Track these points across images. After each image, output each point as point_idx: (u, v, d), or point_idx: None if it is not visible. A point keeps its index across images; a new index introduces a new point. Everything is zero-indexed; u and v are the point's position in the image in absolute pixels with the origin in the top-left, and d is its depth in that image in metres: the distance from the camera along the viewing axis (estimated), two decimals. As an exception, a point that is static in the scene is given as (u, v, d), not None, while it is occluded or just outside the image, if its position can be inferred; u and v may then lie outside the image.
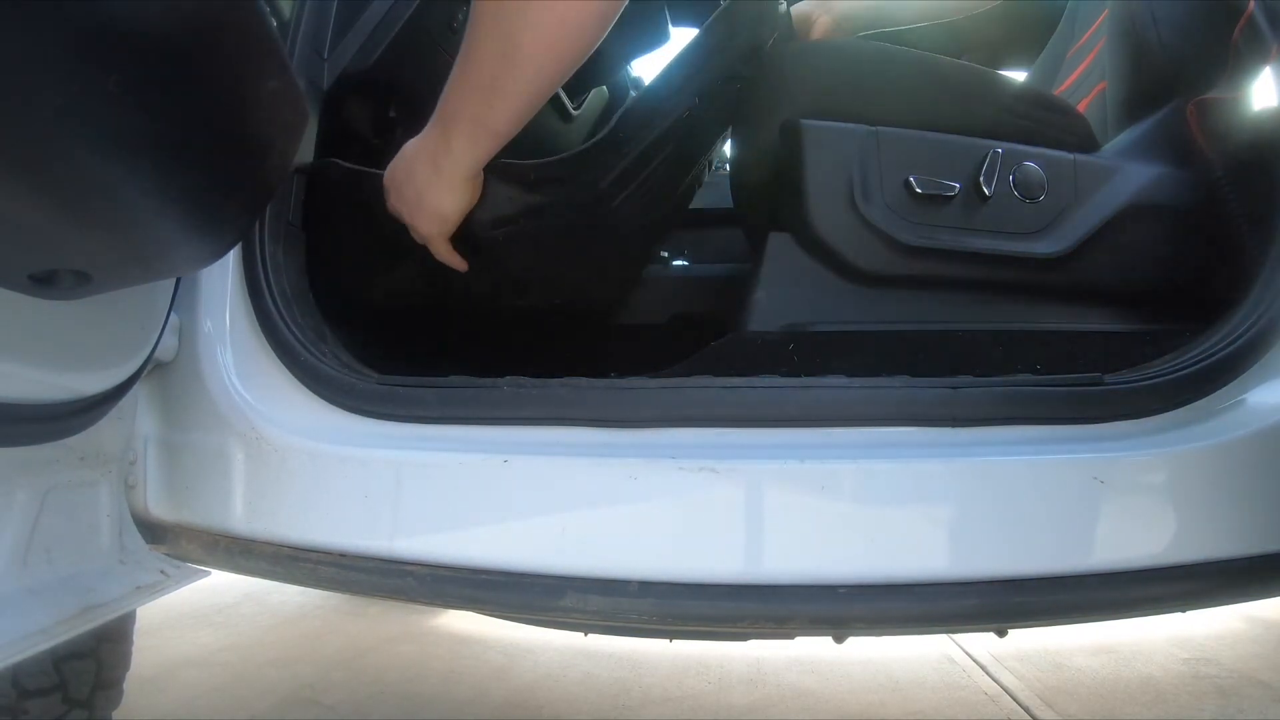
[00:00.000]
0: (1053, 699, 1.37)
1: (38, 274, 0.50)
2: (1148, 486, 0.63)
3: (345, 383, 0.74)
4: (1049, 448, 0.64)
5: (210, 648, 1.63)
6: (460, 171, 0.77)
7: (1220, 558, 0.63)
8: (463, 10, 1.03)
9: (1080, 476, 0.62)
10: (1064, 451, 0.64)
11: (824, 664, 1.55)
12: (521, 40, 0.66)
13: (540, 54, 0.67)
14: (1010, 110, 0.87)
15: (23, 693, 0.83)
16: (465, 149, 0.75)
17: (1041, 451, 0.64)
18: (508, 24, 0.65)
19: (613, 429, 0.68)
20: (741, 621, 0.64)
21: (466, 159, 0.76)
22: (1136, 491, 0.63)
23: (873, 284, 0.83)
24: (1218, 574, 0.63)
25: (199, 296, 0.79)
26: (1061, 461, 0.63)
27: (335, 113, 0.97)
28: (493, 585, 0.66)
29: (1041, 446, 0.64)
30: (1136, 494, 0.63)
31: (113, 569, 0.75)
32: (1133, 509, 0.62)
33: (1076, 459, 0.63)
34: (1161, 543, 0.62)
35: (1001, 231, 0.82)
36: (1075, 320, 0.85)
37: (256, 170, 0.54)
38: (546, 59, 0.67)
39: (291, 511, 0.72)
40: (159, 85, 0.41)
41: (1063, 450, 0.64)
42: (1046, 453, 0.64)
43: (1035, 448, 0.64)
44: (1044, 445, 0.65)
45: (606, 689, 1.44)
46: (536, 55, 0.67)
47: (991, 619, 0.65)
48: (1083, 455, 0.63)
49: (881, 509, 0.63)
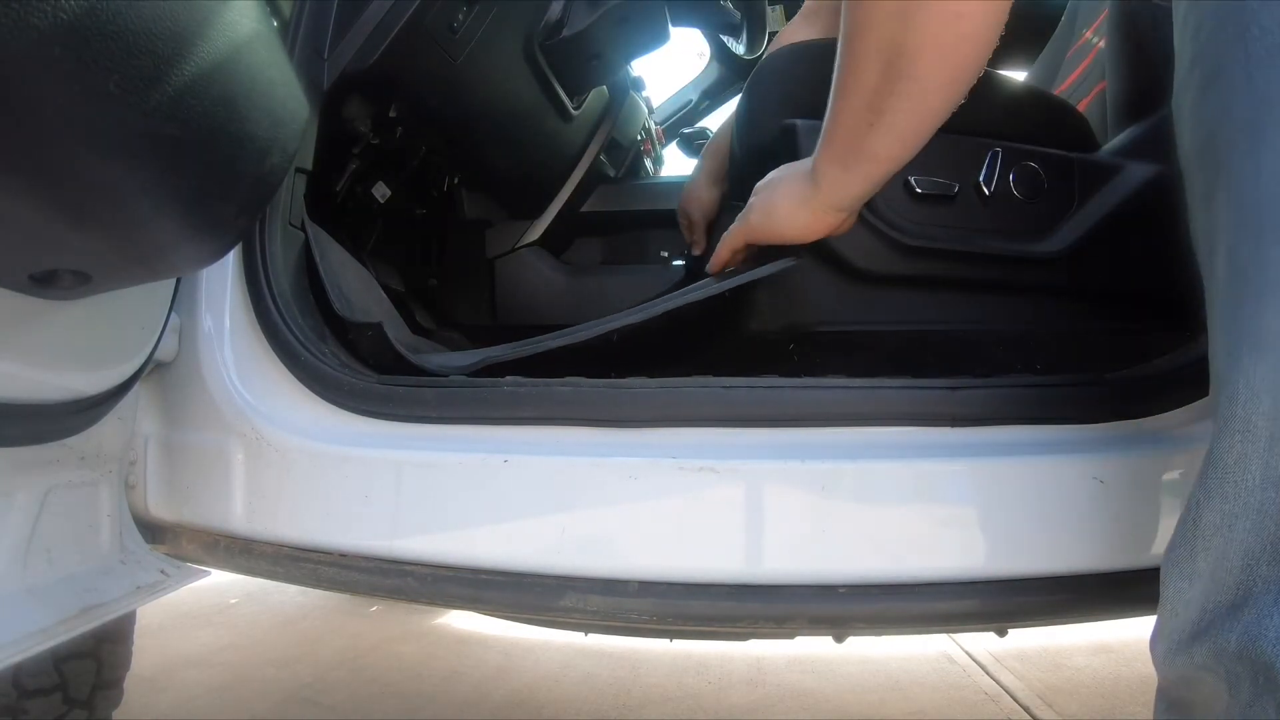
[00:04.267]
0: (1053, 699, 1.37)
1: (38, 274, 0.50)
2: (1148, 487, 0.63)
3: (345, 383, 0.74)
4: (1049, 448, 0.64)
5: (210, 648, 1.64)
6: (827, 202, 0.66)
7: (1220, 557, 0.63)
8: (463, 10, 1.03)
9: (1080, 476, 0.62)
10: (1064, 451, 0.64)
11: (824, 664, 1.55)
12: (906, 45, 0.53)
13: (931, 64, 0.54)
14: (1010, 110, 0.87)
15: (23, 693, 0.84)
16: (837, 178, 0.64)
17: (1041, 451, 0.64)
18: (889, 27, 0.53)
19: (613, 429, 0.68)
20: (742, 621, 0.64)
21: (838, 190, 0.65)
22: (1137, 492, 0.63)
23: (873, 284, 0.83)
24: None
25: (199, 296, 0.79)
26: (1061, 461, 0.63)
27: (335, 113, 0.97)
28: (493, 585, 0.66)
29: (1041, 446, 0.64)
30: (1137, 494, 0.63)
31: (113, 569, 0.75)
32: (1133, 509, 0.62)
33: (1076, 459, 0.63)
34: (1162, 543, 0.62)
35: (1001, 231, 0.82)
36: (1075, 320, 0.85)
37: (256, 170, 0.54)
38: (938, 69, 0.54)
39: (292, 511, 0.72)
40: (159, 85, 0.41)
41: (1063, 450, 0.64)
42: (1046, 453, 0.64)
43: (1035, 448, 0.64)
44: (1044, 445, 0.64)
45: (606, 689, 1.44)
46: (926, 66, 0.54)
47: (991, 619, 0.65)
48: (1083, 455, 0.63)
49: (881, 509, 0.63)
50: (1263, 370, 0.40)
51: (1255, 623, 0.39)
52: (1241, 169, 0.42)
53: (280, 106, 0.54)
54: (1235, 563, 0.41)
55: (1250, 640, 0.39)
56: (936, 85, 0.55)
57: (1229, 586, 0.41)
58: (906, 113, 0.57)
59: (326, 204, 1.04)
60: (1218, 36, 0.44)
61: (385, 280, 1.17)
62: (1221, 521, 0.42)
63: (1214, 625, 0.42)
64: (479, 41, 1.06)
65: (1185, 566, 0.45)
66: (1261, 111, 0.41)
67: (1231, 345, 0.42)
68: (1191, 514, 0.45)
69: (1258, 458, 0.40)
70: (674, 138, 2.08)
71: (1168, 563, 0.46)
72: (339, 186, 1.07)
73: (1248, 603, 0.40)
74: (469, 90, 1.12)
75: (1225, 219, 0.43)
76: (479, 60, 1.07)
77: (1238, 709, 0.40)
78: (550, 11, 1.19)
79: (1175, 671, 0.46)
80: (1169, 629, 0.46)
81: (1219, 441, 0.43)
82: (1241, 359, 0.41)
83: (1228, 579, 0.42)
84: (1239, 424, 0.41)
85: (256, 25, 0.49)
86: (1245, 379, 0.41)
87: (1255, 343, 0.41)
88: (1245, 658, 0.40)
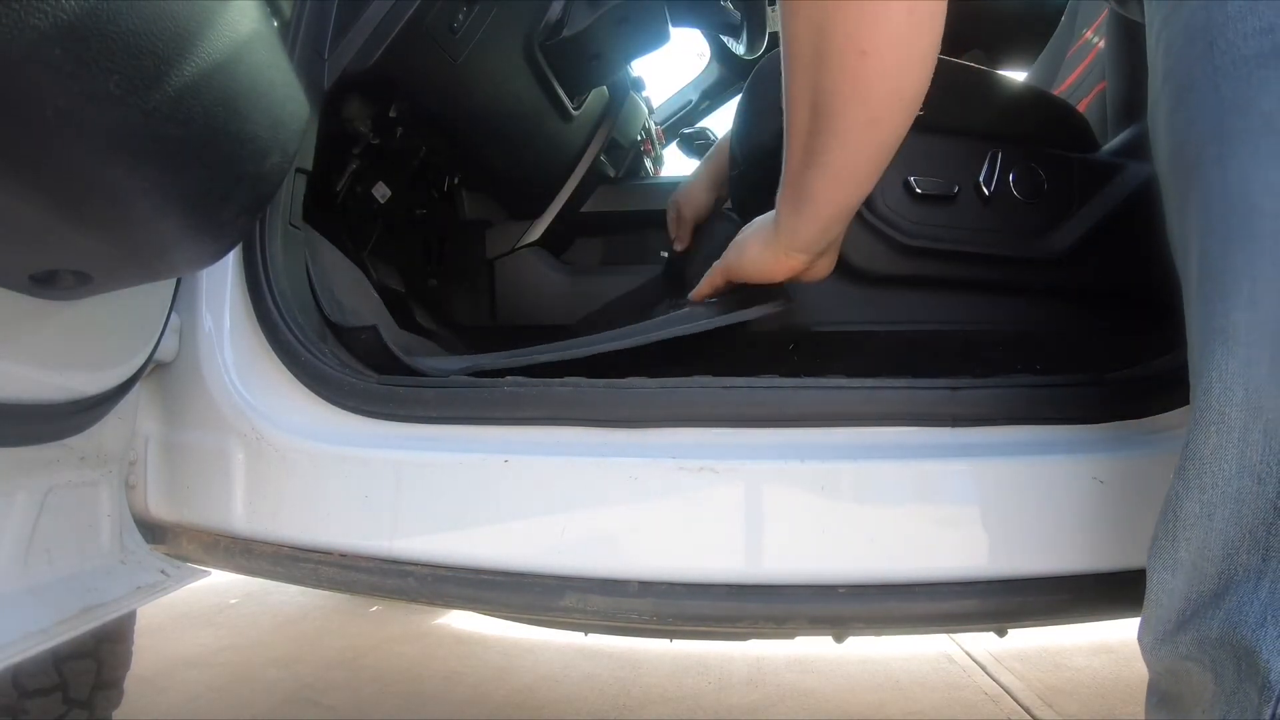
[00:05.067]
0: (1053, 699, 1.37)
1: (38, 274, 0.51)
2: (1147, 487, 0.63)
3: (345, 383, 0.74)
4: (1049, 448, 0.64)
5: (210, 648, 1.64)
6: (785, 244, 0.65)
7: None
8: (463, 10, 1.03)
9: (1080, 477, 0.62)
10: (1064, 451, 0.64)
11: (824, 664, 1.55)
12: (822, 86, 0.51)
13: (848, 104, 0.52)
14: (1010, 110, 0.87)
15: (23, 693, 0.84)
16: (788, 220, 0.63)
17: (1041, 451, 0.64)
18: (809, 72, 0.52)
19: (613, 429, 0.68)
20: (742, 621, 0.64)
21: (791, 233, 0.64)
22: (1136, 492, 0.63)
23: (873, 284, 0.83)
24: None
25: (199, 296, 0.79)
26: (1061, 462, 0.63)
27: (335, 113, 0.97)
28: (493, 585, 0.66)
29: (1041, 446, 0.64)
30: (1136, 494, 0.63)
31: (113, 569, 0.75)
32: (1132, 509, 0.62)
33: (1076, 459, 0.63)
34: (1161, 543, 0.62)
35: (1001, 232, 0.82)
36: (1075, 320, 0.85)
37: (257, 170, 0.54)
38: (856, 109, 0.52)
39: (292, 511, 0.72)
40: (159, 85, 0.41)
41: (1063, 450, 0.64)
42: (1046, 453, 0.64)
43: (1035, 448, 0.64)
44: (1044, 445, 0.64)
45: (606, 689, 1.44)
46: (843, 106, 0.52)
47: (991, 619, 0.65)
48: (1083, 455, 0.63)
49: (881, 509, 0.63)
50: (1234, 364, 0.42)
51: (1236, 609, 0.40)
52: (1210, 176, 0.44)
53: (280, 107, 0.54)
54: (1216, 552, 0.42)
55: (1231, 627, 0.40)
56: (858, 125, 0.54)
57: (1211, 576, 0.42)
58: (835, 152, 0.56)
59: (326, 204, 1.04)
60: (1187, 53, 0.46)
61: (385, 280, 1.17)
62: (1201, 511, 0.43)
63: (1197, 614, 0.43)
64: (479, 42, 1.06)
65: (1167, 557, 0.46)
66: (1228, 121, 0.43)
67: (1204, 341, 0.44)
68: (1171, 505, 0.46)
69: (1233, 448, 0.42)
70: (674, 138, 2.08)
71: (1151, 555, 0.47)
72: (339, 186, 1.08)
73: (1229, 590, 0.41)
74: (469, 90, 1.12)
75: (1196, 223, 0.45)
76: (479, 60, 1.08)
77: (1223, 697, 0.41)
78: (550, 11, 1.19)
79: (1162, 663, 0.46)
80: (1154, 620, 0.47)
81: (1195, 434, 0.44)
82: (1214, 353, 0.43)
83: (1209, 568, 0.43)
84: (1214, 416, 0.43)
85: (256, 25, 0.49)
86: (1218, 372, 0.43)
87: (1226, 338, 0.42)
88: (1227, 644, 0.41)
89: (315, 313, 0.81)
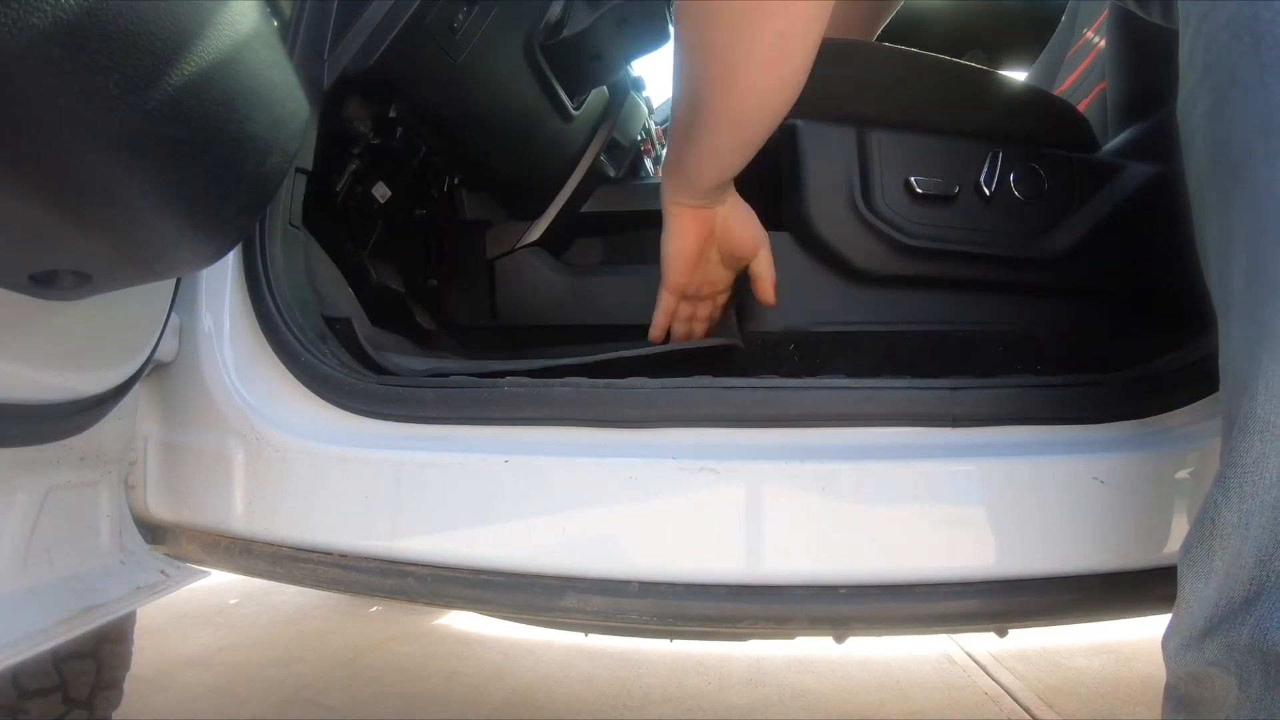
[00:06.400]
0: (1053, 699, 1.37)
1: (38, 274, 0.50)
2: (1149, 487, 0.63)
3: (345, 383, 0.74)
4: (1049, 448, 0.64)
5: (210, 648, 1.64)
6: (666, 198, 0.77)
7: (1221, 558, 0.62)
8: (463, 10, 1.03)
9: (1080, 477, 0.62)
10: (1064, 452, 0.64)
11: (824, 664, 1.55)
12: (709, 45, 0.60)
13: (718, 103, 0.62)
14: (1010, 110, 0.87)
15: (23, 693, 0.84)
16: (668, 180, 0.76)
17: (1041, 452, 0.64)
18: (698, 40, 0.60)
19: (613, 429, 0.68)
20: (742, 622, 0.64)
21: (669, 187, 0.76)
22: (1137, 492, 0.63)
23: (873, 284, 0.83)
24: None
25: (199, 296, 0.79)
26: (1062, 462, 0.63)
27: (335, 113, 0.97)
28: (493, 585, 0.66)
29: (1041, 447, 0.64)
30: (1137, 494, 0.63)
31: (113, 569, 0.75)
32: (1133, 509, 0.62)
33: (1076, 459, 0.63)
34: (1162, 543, 0.62)
35: (1002, 232, 0.82)
36: (1076, 320, 0.85)
37: (257, 170, 0.54)
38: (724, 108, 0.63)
39: (291, 512, 0.72)
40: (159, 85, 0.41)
41: (1063, 450, 0.64)
42: (1046, 453, 0.64)
43: (1035, 448, 0.64)
44: (1044, 445, 0.64)
45: (606, 689, 1.44)
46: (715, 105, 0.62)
47: (991, 619, 0.65)
48: (1083, 455, 0.63)
49: (882, 509, 0.63)
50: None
51: (1267, 615, 0.40)
52: (1259, 175, 0.43)
53: (280, 106, 0.54)
54: (1249, 559, 0.42)
55: (1262, 633, 0.40)
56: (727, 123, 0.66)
57: (1242, 582, 0.42)
58: (709, 141, 0.68)
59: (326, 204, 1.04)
60: (1233, 48, 0.45)
61: (385, 280, 1.17)
62: (1239, 520, 0.43)
63: (1226, 620, 0.43)
64: (479, 42, 1.06)
65: (1202, 566, 0.45)
66: (1277, 118, 0.42)
67: (1250, 347, 0.43)
68: (1209, 514, 0.45)
69: (1276, 456, 0.41)
70: (674, 138, 2.07)
71: (1184, 562, 0.47)
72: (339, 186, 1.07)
73: (1260, 597, 0.41)
74: (469, 90, 1.12)
75: (1244, 225, 0.44)
76: (479, 60, 1.07)
77: (1248, 703, 0.41)
78: (550, 11, 1.19)
79: (1185, 668, 0.46)
80: (1183, 625, 0.46)
81: (1238, 441, 0.43)
82: (1261, 360, 0.42)
83: (1241, 575, 0.42)
84: (1258, 424, 0.42)
85: (256, 25, 0.49)
86: (1265, 380, 0.42)
87: (1275, 345, 0.41)
88: (1256, 650, 0.40)
89: (315, 313, 0.82)
